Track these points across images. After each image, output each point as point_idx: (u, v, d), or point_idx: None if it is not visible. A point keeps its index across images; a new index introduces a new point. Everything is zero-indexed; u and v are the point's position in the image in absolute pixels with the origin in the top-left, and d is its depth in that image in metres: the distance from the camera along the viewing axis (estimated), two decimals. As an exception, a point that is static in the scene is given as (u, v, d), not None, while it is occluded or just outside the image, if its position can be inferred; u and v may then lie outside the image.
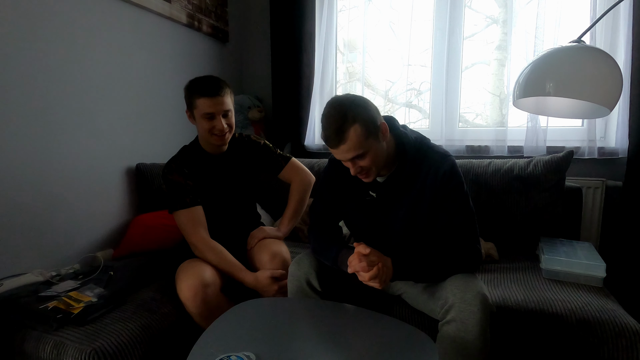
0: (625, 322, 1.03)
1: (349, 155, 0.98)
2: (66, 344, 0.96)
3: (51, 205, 1.39)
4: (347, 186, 1.16)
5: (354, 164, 1.00)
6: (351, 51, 2.28)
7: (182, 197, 1.27)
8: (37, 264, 1.33)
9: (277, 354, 0.74)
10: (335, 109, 0.98)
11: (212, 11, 2.13)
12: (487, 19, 1.98)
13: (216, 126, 1.24)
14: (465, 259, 1.03)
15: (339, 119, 0.96)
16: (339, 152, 0.99)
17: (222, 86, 1.25)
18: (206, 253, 1.25)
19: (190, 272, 1.18)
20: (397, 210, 1.09)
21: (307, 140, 2.22)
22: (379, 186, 1.11)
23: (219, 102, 1.23)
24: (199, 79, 1.27)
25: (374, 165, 1.01)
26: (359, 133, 0.96)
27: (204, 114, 1.23)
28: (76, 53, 1.45)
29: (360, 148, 0.97)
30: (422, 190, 1.05)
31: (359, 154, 0.98)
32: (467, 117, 2.08)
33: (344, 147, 0.97)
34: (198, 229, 1.26)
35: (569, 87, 0.98)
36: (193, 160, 1.33)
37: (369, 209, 1.14)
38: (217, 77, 1.28)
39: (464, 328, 0.89)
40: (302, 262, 1.12)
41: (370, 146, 0.98)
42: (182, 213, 1.26)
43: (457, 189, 1.04)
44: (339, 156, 1.01)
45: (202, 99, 1.23)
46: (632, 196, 1.61)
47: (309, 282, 1.09)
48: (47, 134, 1.37)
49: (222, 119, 1.25)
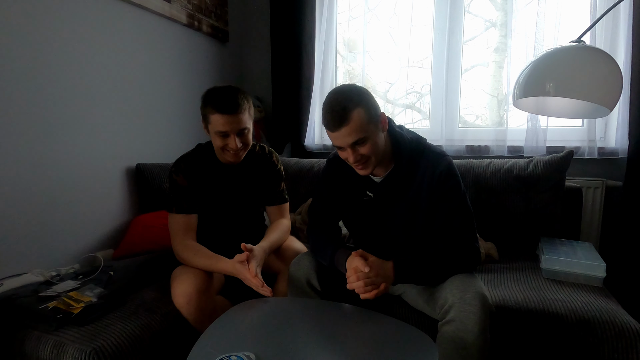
0: (625, 322, 1.03)
1: (350, 139, 0.96)
2: (66, 344, 0.96)
3: (51, 205, 1.39)
4: (345, 186, 1.16)
5: (353, 150, 0.99)
6: (351, 52, 2.28)
7: (181, 201, 1.24)
8: (37, 264, 1.33)
9: (277, 354, 0.74)
10: (339, 94, 0.98)
11: (212, 11, 2.13)
12: (485, 22, 1.98)
13: (229, 144, 1.16)
14: (464, 258, 1.03)
15: (342, 100, 0.96)
16: (340, 135, 0.97)
17: (240, 102, 1.14)
18: (184, 253, 1.21)
19: (183, 279, 1.16)
20: (394, 210, 1.10)
21: (307, 141, 2.22)
22: (376, 186, 1.11)
23: (234, 121, 1.13)
24: (216, 90, 1.17)
25: (373, 155, 1.00)
26: (362, 116, 0.96)
27: (217, 131, 1.15)
28: (76, 53, 1.45)
29: (362, 132, 0.96)
30: (419, 190, 1.06)
31: (360, 137, 0.96)
32: (467, 119, 2.08)
33: (346, 130, 0.96)
34: (186, 235, 1.23)
35: (569, 87, 0.98)
36: (205, 163, 1.28)
37: (367, 209, 1.14)
38: (236, 90, 1.17)
39: (464, 328, 0.89)
40: (302, 262, 1.12)
41: (372, 132, 0.98)
42: (178, 217, 1.24)
43: (454, 189, 1.05)
44: (339, 141, 0.99)
45: (217, 115, 1.13)
46: (632, 196, 1.61)
47: (309, 282, 1.09)
48: (47, 134, 1.37)
49: (237, 137, 1.16)
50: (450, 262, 1.02)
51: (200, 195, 1.28)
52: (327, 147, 2.24)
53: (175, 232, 1.25)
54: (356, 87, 1.00)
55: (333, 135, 0.99)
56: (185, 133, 2.00)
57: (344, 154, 1.02)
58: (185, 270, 1.20)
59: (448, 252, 1.02)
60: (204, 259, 1.20)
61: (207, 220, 1.32)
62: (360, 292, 0.94)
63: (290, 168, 1.99)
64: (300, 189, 1.93)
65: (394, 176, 1.08)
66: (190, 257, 1.21)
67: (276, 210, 1.43)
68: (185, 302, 1.12)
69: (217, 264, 1.19)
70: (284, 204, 1.44)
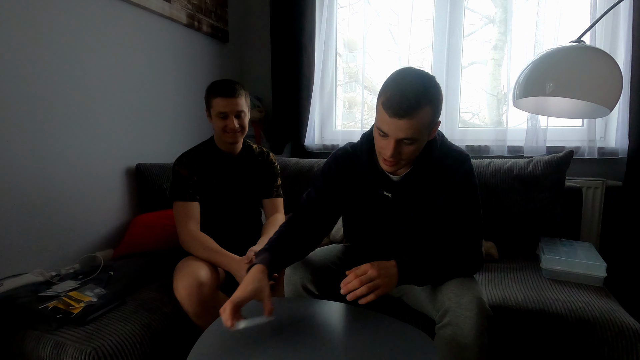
0: (625, 322, 1.03)
1: (403, 134, 0.87)
2: (66, 344, 0.96)
3: (51, 206, 1.39)
4: (356, 183, 1.09)
5: (396, 145, 0.90)
6: (351, 51, 2.28)
7: (183, 190, 1.34)
8: (37, 264, 1.33)
9: (277, 353, 0.74)
10: (419, 78, 0.88)
11: (212, 11, 2.13)
12: (483, 18, 1.98)
13: (228, 125, 1.32)
14: (469, 262, 1.01)
15: (418, 90, 0.86)
16: (396, 124, 0.87)
17: (237, 89, 1.33)
18: (191, 243, 1.29)
19: (185, 272, 1.19)
20: (410, 210, 1.06)
21: (307, 141, 2.22)
22: (393, 185, 1.05)
23: (232, 103, 1.31)
24: (218, 81, 1.35)
25: (410, 158, 0.94)
26: (428, 116, 0.87)
27: (218, 112, 1.32)
28: (76, 53, 1.45)
29: (418, 132, 0.88)
30: (438, 191, 1.03)
31: (413, 137, 0.88)
32: (464, 117, 2.08)
33: (406, 123, 0.86)
34: (189, 222, 1.31)
35: (569, 87, 0.98)
36: (206, 155, 1.40)
37: (381, 209, 1.09)
38: (235, 81, 1.36)
39: (460, 332, 0.88)
40: (298, 266, 1.08)
41: (424, 136, 0.91)
42: (179, 204, 1.33)
43: (471, 191, 1.02)
44: (392, 129, 0.88)
45: (218, 98, 1.31)
46: (632, 196, 1.61)
47: (305, 286, 1.05)
48: (47, 134, 1.37)
49: (235, 119, 1.32)
50: (454, 264, 1.00)
51: (201, 186, 1.37)
52: (326, 147, 2.24)
53: (179, 220, 1.32)
54: (435, 82, 0.90)
55: (388, 120, 0.88)
56: (185, 133, 2.00)
57: (383, 143, 0.93)
58: (189, 264, 1.22)
59: (453, 253, 1.00)
60: (207, 250, 1.27)
61: (208, 211, 1.38)
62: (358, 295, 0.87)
63: (290, 168, 1.98)
64: (299, 189, 1.93)
65: (415, 175, 1.03)
66: (195, 248, 1.28)
67: (271, 204, 1.52)
68: (186, 294, 1.14)
69: (223, 259, 1.25)
70: (278, 199, 1.54)
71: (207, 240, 1.29)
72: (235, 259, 1.24)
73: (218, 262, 1.25)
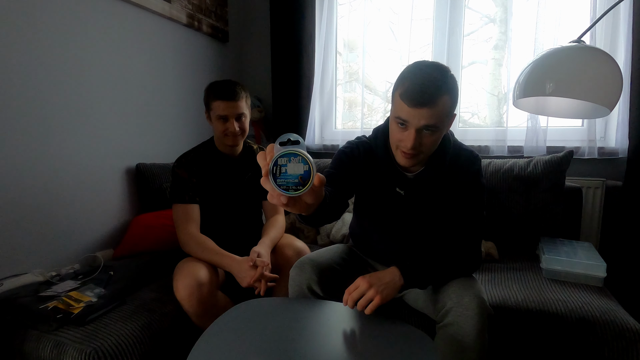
0: (625, 322, 1.03)
1: (426, 121, 0.89)
2: (66, 344, 0.96)
3: (51, 206, 1.39)
4: (370, 175, 1.08)
5: (417, 135, 0.91)
6: (351, 51, 2.28)
7: (183, 193, 1.32)
8: (37, 264, 1.33)
9: (278, 353, 0.74)
10: (436, 70, 0.90)
11: (212, 11, 2.13)
12: (483, 17, 1.98)
13: (229, 128, 1.30)
14: (468, 262, 1.02)
15: (437, 79, 0.88)
16: (418, 113, 0.88)
17: (237, 91, 1.30)
18: (191, 246, 1.27)
19: (185, 272, 1.18)
20: (420, 209, 1.07)
21: (307, 141, 2.22)
22: (407, 182, 1.06)
23: (233, 106, 1.29)
24: (217, 83, 1.32)
25: (429, 150, 0.96)
26: (447, 105, 0.89)
27: (218, 115, 1.30)
28: (76, 53, 1.45)
29: (439, 119, 0.89)
30: (449, 190, 1.04)
31: (435, 124, 0.89)
32: (464, 117, 2.08)
33: (428, 111, 0.88)
34: (188, 224, 1.30)
35: (569, 87, 0.98)
36: (205, 157, 1.38)
37: (392, 205, 1.09)
38: (235, 82, 1.33)
39: (461, 332, 0.88)
40: (303, 267, 1.08)
41: (444, 125, 0.93)
42: (179, 207, 1.32)
43: (480, 190, 1.04)
44: (413, 118, 0.90)
45: (218, 101, 1.29)
46: (632, 196, 1.61)
47: (310, 287, 1.05)
48: (47, 134, 1.37)
49: (236, 122, 1.31)
50: (455, 264, 1.00)
51: (201, 187, 1.36)
52: (327, 147, 2.24)
53: (178, 222, 1.31)
54: (451, 73, 0.92)
55: (409, 111, 0.89)
56: (185, 132, 2.00)
57: (403, 135, 0.93)
58: (189, 264, 1.22)
59: (454, 253, 1.01)
60: (207, 252, 1.26)
61: (208, 213, 1.38)
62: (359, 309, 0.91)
63: (290, 168, 1.98)
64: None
65: (429, 173, 1.04)
66: (195, 250, 1.27)
67: (271, 205, 1.49)
68: (187, 294, 1.13)
69: (222, 260, 1.24)
70: None
71: (206, 242, 1.28)
72: (236, 259, 1.23)
73: (219, 264, 1.25)
